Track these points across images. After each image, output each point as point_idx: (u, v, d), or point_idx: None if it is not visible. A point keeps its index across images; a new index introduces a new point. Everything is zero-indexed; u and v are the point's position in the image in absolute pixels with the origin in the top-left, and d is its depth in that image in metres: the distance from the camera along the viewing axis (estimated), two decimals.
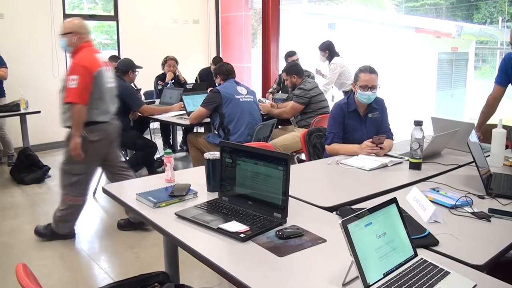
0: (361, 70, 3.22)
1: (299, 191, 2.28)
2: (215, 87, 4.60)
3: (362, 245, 1.41)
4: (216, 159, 2.22)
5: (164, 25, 8.23)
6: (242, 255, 1.65)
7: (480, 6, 17.48)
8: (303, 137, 3.56)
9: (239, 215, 1.93)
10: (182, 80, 6.64)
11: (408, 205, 2.11)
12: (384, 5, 15.30)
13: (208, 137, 4.65)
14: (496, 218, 2.02)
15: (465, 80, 13.04)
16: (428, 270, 1.50)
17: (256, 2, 8.55)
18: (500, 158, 2.91)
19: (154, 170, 5.24)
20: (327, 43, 6.23)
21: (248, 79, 8.86)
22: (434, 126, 3.35)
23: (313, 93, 4.89)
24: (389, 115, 3.48)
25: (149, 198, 2.12)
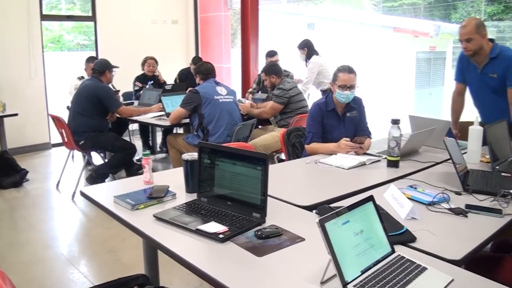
0: (340, 69, 3.24)
1: (278, 190, 2.28)
2: (194, 88, 4.58)
3: (340, 243, 1.42)
4: (194, 160, 2.21)
5: (142, 25, 8.17)
6: (221, 256, 1.64)
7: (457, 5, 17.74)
8: (282, 137, 3.56)
9: (218, 215, 1.93)
10: (161, 81, 6.61)
11: (386, 203, 2.13)
12: (363, 5, 15.43)
13: (188, 138, 4.63)
14: (473, 213, 2.05)
15: (443, 78, 13.21)
16: (405, 266, 1.51)
17: (235, 2, 8.54)
18: (477, 155, 2.96)
19: (133, 172, 5.20)
20: (305, 41, 6.25)
21: (227, 79, 8.84)
22: (411, 124, 3.39)
23: (292, 93, 4.91)
24: (367, 114, 3.51)
25: (127, 201, 2.10)
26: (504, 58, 3.29)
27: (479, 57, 3.36)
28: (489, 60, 3.34)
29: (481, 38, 3.27)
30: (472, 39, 3.27)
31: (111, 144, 5.05)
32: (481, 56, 3.34)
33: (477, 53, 3.32)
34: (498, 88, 3.36)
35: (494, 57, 3.31)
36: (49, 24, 11.82)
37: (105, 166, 5.19)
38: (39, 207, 4.67)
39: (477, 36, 3.26)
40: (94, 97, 4.87)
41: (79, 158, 6.33)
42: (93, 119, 4.90)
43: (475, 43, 3.28)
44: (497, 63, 3.31)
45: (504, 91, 3.33)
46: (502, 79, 3.31)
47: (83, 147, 4.94)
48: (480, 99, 3.58)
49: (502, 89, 3.34)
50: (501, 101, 3.37)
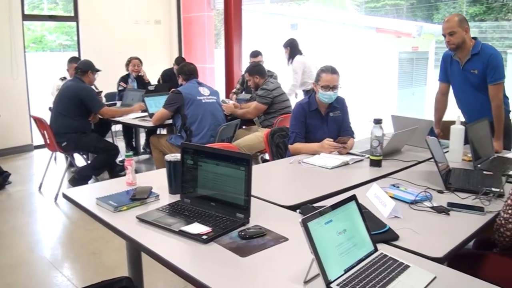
0: (323, 70, 3.25)
1: (262, 191, 2.28)
2: (177, 88, 4.56)
3: (323, 242, 1.42)
4: (177, 161, 2.19)
5: (125, 25, 8.11)
6: (205, 257, 1.64)
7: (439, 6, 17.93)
8: (266, 137, 3.57)
9: (201, 216, 1.92)
10: (146, 80, 6.57)
11: (368, 202, 2.15)
12: (346, 6, 15.51)
13: (171, 139, 4.60)
14: (455, 211, 2.08)
15: (425, 78, 13.34)
16: (388, 264, 1.52)
17: (219, 3, 8.53)
18: (459, 154, 3.00)
19: (116, 173, 5.16)
20: (290, 41, 6.26)
21: (211, 79, 8.83)
22: (394, 124, 3.42)
23: (276, 93, 4.91)
24: (350, 113, 3.53)
25: (110, 202, 2.08)
26: (485, 55, 3.36)
27: (462, 52, 3.42)
28: (470, 56, 3.40)
29: (464, 32, 3.35)
30: (455, 33, 3.35)
31: (94, 145, 5.01)
32: (463, 51, 3.41)
33: (460, 47, 3.39)
34: (479, 85, 3.42)
35: (476, 53, 3.38)
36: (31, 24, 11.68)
37: (88, 167, 5.15)
38: (22, 210, 4.61)
39: (459, 29, 3.34)
40: (76, 98, 4.82)
41: (62, 160, 6.25)
42: (75, 120, 4.85)
43: (458, 37, 3.35)
44: (478, 59, 3.37)
45: (485, 88, 3.39)
46: (483, 75, 3.37)
47: (66, 149, 4.89)
48: (462, 97, 3.63)
49: (483, 85, 3.40)
50: (482, 98, 3.42)
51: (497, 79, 3.34)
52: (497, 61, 3.35)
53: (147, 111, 5.02)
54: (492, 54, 3.35)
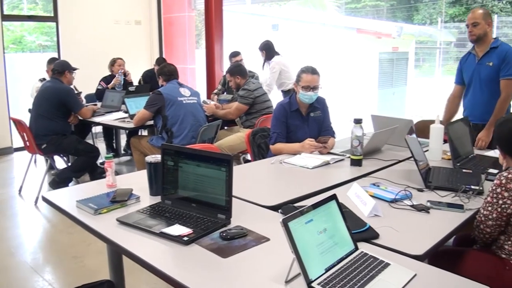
0: (303, 70, 3.26)
1: (243, 191, 2.28)
2: (158, 89, 4.54)
3: (303, 242, 1.43)
4: (158, 162, 2.18)
5: (105, 26, 8.04)
6: (186, 259, 1.63)
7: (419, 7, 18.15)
8: (247, 138, 3.56)
9: (182, 218, 1.91)
10: (129, 80, 6.52)
11: (349, 201, 2.16)
12: (326, 7, 15.60)
13: (152, 140, 4.58)
14: (434, 209, 2.10)
15: (406, 78, 13.49)
16: (368, 262, 1.54)
17: (199, 3, 8.50)
18: (439, 152, 3.04)
19: (97, 175, 5.10)
20: (265, 43, 6.24)
21: (192, 80, 8.80)
22: (374, 124, 3.45)
23: (257, 93, 4.92)
24: (331, 113, 3.55)
25: (90, 205, 2.06)
26: (502, 49, 3.47)
27: (481, 45, 3.54)
28: (489, 49, 3.51)
29: (486, 26, 3.47)
30: (478, 24, 3.46)
31: (74, 147, 4.95)
32: (483, 44, 3.52)
33: (481, 38, 3.50)
34: (489, 79, 3.52)
35: (495, 47, 3.50)
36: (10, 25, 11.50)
37: (68, 170, 5.09)
38: (2, 214, 4.53)
39: (483, 22, 3.46)
40: (56, 99, 4.76)
41: (42, 163, 6.18)
42: (55, 122, 4.79)
43: (480, 28, 3.47)
44: (495, 53, 3.49)
45: (494, 84, 3.49)
46: (497, 69, 3.47)
47: (46, 151, 4.82)
48: (469, 92, 3.72)
49: (493, 80, 3.49)
50: (487, 95, 3.53)
51: (510, 74, 3.43)
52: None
53: (127, 112, 4.98)
54: (509, 50, 3.47)
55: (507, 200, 1.91)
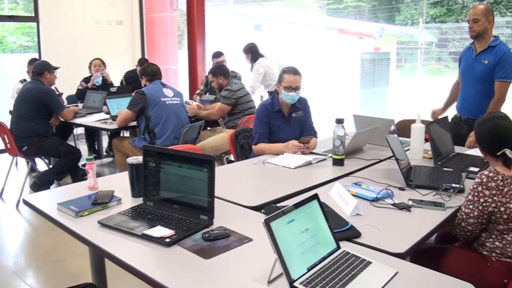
0: (285, 71, 3.27)
1: (226, 192, 2.28)
2: (140, 89, 4.51)
3: (286, 241, 1.43)
4: (139, 164, 2.17)
5: (87, 26, 7.96)
6: (168, 260, 1.62)
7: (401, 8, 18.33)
8: (230, 138, 3.56)
9: (164, 219, 1.90)
10: (109, 82, 6.46)
11: (331, 200, 2.17)
12: (308, 7, 15.66)
13: (134, 141, 4.55)
14: (416, 208, 2.12)
15: (387, 78, 13.61)
16: (350, 261, 1.55)
17: (181, 3, 8.47)
18: (420, 151, 3.07)
19: (79, 177, 5.05)
20: (249, 45, 6.25)
21: (175, 81, 8.76)
22: (355, 123, 3.47)
23: (240, 94, 4.91)
24: (313, 114, 3.56)
25: (71, 207, 2.04)
26: (500, 50, 3.50)
27: (481, 41, 3.57)
28: (487, 47, 3.54)
29: (487, 23, 3.50)
30: (478, 20, 3.49)
31: (56, 149, 4.89)
32: (482, 40, 3.56)
33: (480, 35, 3.53)
34: (483, 77, 3.55)
35: (493, 46, 3.52)
36: None
37: (50, 172, 5.03)
38: None
39: (483, 19, 3.48)
40: (37, 100, 4.71)
41: (23, 165, 6.09)
42: (36, 124, 4.74)
43: (481, 25, 3.49)
44: (493, 51, 3.52)
45: (487, 82, 3.53)
46: (491, 68, 3.51)
47: (27, 153, 4.77)
48: (463, 87, 3.77)
49: (487, 79, 3.53)
50: (480, 92, 3.58)
51: (505, 77, 3.48)
52: (510, 59, 3.49)
53: (109, 113, 4.94)
54: (507, 52, 3.49)
55: (488, 198, 1.94)
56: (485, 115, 2.21)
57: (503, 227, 1.97)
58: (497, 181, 1.93)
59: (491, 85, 3.52)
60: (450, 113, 3.91)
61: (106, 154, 6.60)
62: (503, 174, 1.94)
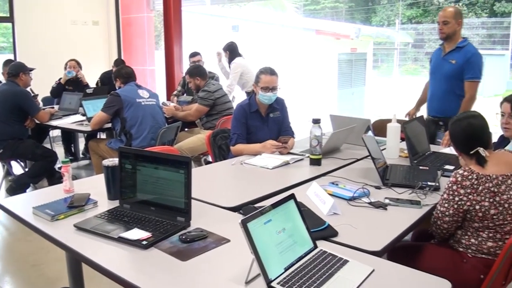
0: (262, 71, 3.27)
1: (203, 193, 2.27)
2: (115, 91, 4.46)
3: (263, 242, 1.43)
4: (115, 166, 2.15)
5: (62, 27, 7.85)
6: (145, 263, 1.61)
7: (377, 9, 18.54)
8: (208, 139, 3.55)
9: (141, 222, 1.89)
10: (84, 83, 6.38)
11: (308, 200, 2.18)
12: (285, 8, 15.73)
13: (110, 143, 4.50)
14: (392, 206, 2.15)
15: (364, 79, 13.74)
16: (327, 260, 1.56)
17: (158, 4, 8.41)
18: (396, 150, 3.10)
19: (55, 180, 4.98)
20: (228, 44, 6.27)
21: (152, 82, 8.70)
22: (332, 123, 3.49)
23: (218, 94, 4.90)
24: (291, 114, 3.58)
25: (46, 211, 2.01)
26: (468, 51, 3.61)
27: (450, 42, 3.67)
28: (455, 47, 3.64)
29: (456, 25, 3.60)
30: (448, 23, 3.60)
31: (31, 152, 4.82)
32: (451, 41, 3.66)
33: (449, 37, 3.63)
34: (450, 76, 3.65)
35: (461, 47, 3.62)
36: None
37: (25, 175, 4.95)
38: None
39: (453, 21, 3.59)
40: (11, 102, 4.63)
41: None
42: (11, 126, 4.65)
43: (450, 27, 3.60)
44: (460, 52, 3.62)
45: (454, 81, 3.64)
46: (459, 69, 3.61)
47: (2, 156, 4.69)
48: (431, 85, 3.87)
49: (454, 78, 3.64)
50: (446, 91, 3.69)
51: (474, 77, 3.58)
52: (477, 60, 3.60)
53: (85, 115, 4.89)
54: (475, 53, 3.60)
55: (463, 197, 1.96)
56: (458, 115, 2.25)
57: (478, 224, 2.00)
58: (472, 180, 1.96)
59: (458, 84, 3.63)
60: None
61: (83, 157, 6.52)
62: (477, 173, 1.97)
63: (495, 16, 16.13)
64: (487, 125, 2.12)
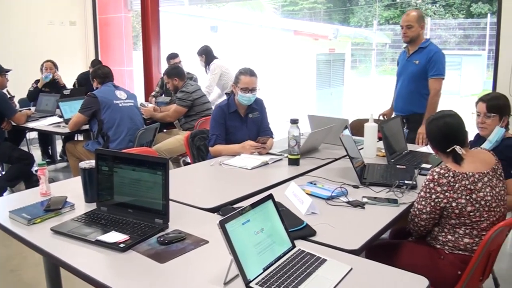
0: (242, 72, 3.27)
1: (182, 194, 2.26)
2: (92, 92, 4.41)
3: (241, 242, 1.43)
4: (92, 168, 2.13)
5: (39, 27, 7.71)
6: (123, 266, 1.60)
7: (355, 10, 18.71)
8: (186, 140, 3.54)
9: (118, 224, 1.87)
10: (61, 84, 6.30)
11: (287, 200, 2.19)
12: (264, 9, 15.76)
13: (87, 145, 4.45)
14: (370, 205, 2.17)
15: (342, 79, 13.83)
16: (305, 259, 1.57)
17: (136, 4, 8.35)
18: (373, 150, 3.13)
19: (33, 184, 4.91)
20: (203, 48, 6.22)
21: (130, 82, 8.63)
22: (311, 123, 3.51)
23: (196, 95, 4.89)
24: (270, 114, 3.58)
25: (23, 215, 1.98)
26: (430, 50, 3.70)
27: (413, 45, 3.77)
28: (418, 49, 3.73)
29: (420, 28, 3.70)
30: (412, 27, 3.69)
31: (8, 155, 4.74)
32: (415, 44, 3.75)
33: (413, 40, 3.73)
34: (415, 76, 3.75)
35: (423, 47, 3.72)
36: None
37: (2, 179, 4.87)
38: None
39: (416, 24, 3.68)
40: None
41: None
42: None
43: (414, 31, 3.70)
44: (423, 52, 3.72)
45: (419, 81, 3.73)
46: (423, 68, 3.70)
47: None
48: (398, 86, 3.94)
49: (419, 77, 3.73)
50: (411, 90, 3.80)
51: (438, 74, 3.68)
52: (440, 57, 3.69)
53: (62, 116, 4.83)
54: (436, 51, 3.69)
55: (439, 194, 1.99)
56: (435, 114, 2.28)
57: (455, 221, 2.03)
58: (448, 178, 1.99)
59: (422, 84, 3.73)
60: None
61: (61, 159, 6.44)
62: (454, 170, 2.00)
63: (472, 17, 16.43)
64: (463, 123, 2.16)
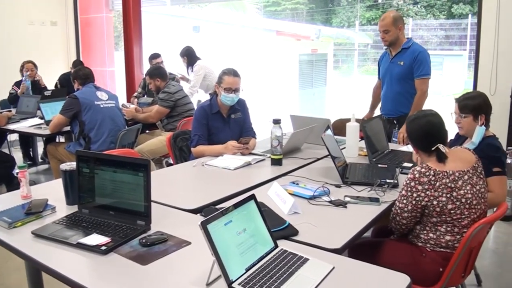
0: (225, 72, 3.27)
1: (164, 196, 2.26)
2: (73, 93, 4.37)
3: (223, 243, 1.44)
4: (73, 170, 2.11)
5: (19, 27, 7.62)
6: (105, 269, 1.59)
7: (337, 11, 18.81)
8: (168, 141, 3.52)
9: (100, 227, 1.86)
10: (42, 85, 6.22)
11: (270, 200, 2.20)
12: (246, 9, 15.76)
13: (69, 147, 4.40)
14: (352, 204, 2.19)
15: (325, 79, 13.89)
16: (288, 259, 1.57)
17: (117, 4, 8.28)
18: (355, 149, 3.16)
19: (14, 186, 4.83)
20: (185, 49, 6.19)
21: (112, 83, 8.56)
22: (293, 124, 3.52)
23: (178, 96, 4.87)
24: (253, 114, 3.59)
25: (3, 218, 1.95)
26: (414, 50, 3.70)
27: (394, 47, 3.77)
28: (401, 50, 3.74)
29: (398, 31, 3.69)
30: (389, 31, 3.69)
31: None
32: (396, 46, 3.76)
33: (393, 43, 3.74)
34: (400, 77, 3.75)
35: (406, 48, 3.72)
36: None
37: None
38: None
39: (393, 28, 3.68)
40: None
41: None
42: None
43: (391, 35, 3.70)
44: (406, 53, 3.72)
45: (404, 81, 3.74)
46: (408, 69, 3.70)
47: None
48: (384, 88, 3.95)
49: (404, 78, 3.73)
50: (396, 91, 3.80)
51: (424, 74, 3.67)
52: (425, 57, 3.69)
53: (43, 118, 4.77)
54: (421, 51, 3.69)
55: (421, 193, 2.01)
56: (416, 113, 2.29)
57: (436, 219, 2.05)
58: (429, 176, 2.01)
59: (409, 84, 3.73)
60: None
61: (42, 161, 6.36)
62: (434, 169, 2.02)
63: (453, 17, 16.62)
64: (443, 122, 2.18)
